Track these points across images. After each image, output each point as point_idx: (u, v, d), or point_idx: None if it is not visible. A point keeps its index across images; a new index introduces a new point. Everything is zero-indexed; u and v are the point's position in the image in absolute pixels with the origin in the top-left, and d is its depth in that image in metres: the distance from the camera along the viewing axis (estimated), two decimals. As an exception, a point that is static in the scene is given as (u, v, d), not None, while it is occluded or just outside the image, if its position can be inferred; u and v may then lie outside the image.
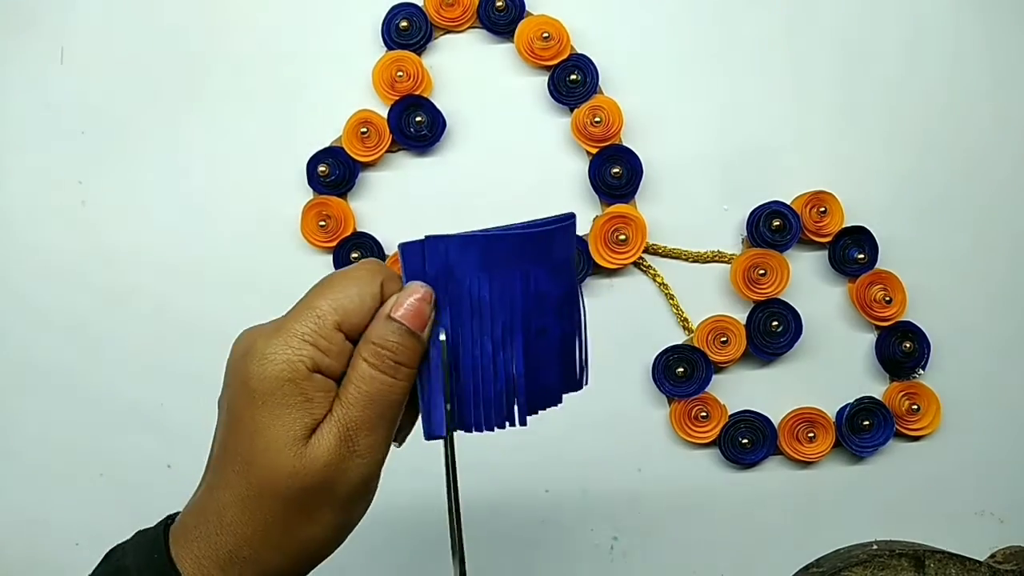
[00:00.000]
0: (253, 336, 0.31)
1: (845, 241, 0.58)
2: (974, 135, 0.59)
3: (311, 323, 0.30)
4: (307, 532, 0.31)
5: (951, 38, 0.60)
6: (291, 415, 0.30)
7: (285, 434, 0.30)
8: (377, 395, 0.30)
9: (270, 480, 0.30)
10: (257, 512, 0.30)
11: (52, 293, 0.59)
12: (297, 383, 0.30)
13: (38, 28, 0.59)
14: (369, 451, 0.31)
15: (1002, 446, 0.59)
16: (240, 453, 0.30)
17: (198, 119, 0.59)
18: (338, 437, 0.30)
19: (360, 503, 0.32)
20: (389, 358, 0.30)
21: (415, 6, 0.58)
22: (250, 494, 0.30)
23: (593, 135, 0.57)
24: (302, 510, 0.30)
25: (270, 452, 0.30)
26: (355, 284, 0.31)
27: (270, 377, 0.30)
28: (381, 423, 0.31)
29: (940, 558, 0.53)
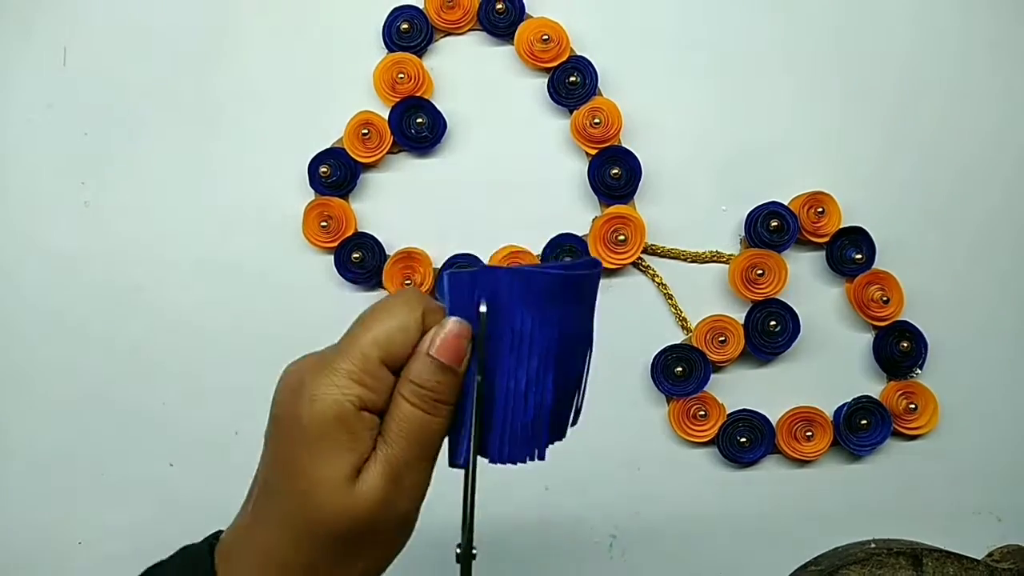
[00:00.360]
0: (301, 373, 0.31)
1: (843, 241, 0.58)
2: (972, 135, 0.60)
3: (357, 361, 0.31)
4: (353, 568, 0.31)
5: (950, 38, 0.60)
6: (340, 454, 0.30)
7: (335, 474, 0.30)
8: (419, 433, 0.31)
9: (320, 519, 0.30)
10: (306, 550, 0.31)
11: (54, 293, 0.59)
12: (346, 422, 0.30)
13: (41, 29, 0.60)
14: (414, 488, 0.31)
15: (1000, 445, 0.59)
16: (289, 491, 0.31)
17: (200, 120, 0.59)
18: (384, 476, 0.30)
19: (403, 536, 0.33)
20: (429, 397, 0.31)
21: (416, 8, 0.59)
22: (298, 533, 0.31)
23: (592, 136, 0.58)
24: (349, 547, 0.31)
25: (320, 491, 0.30)
26: (396, 317, 0.31)
27: (319, 417, 0.30)
28: (424, 459, 0.31)
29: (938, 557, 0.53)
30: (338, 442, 0.30)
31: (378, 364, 0.31)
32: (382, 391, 0.31)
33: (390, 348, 0.31)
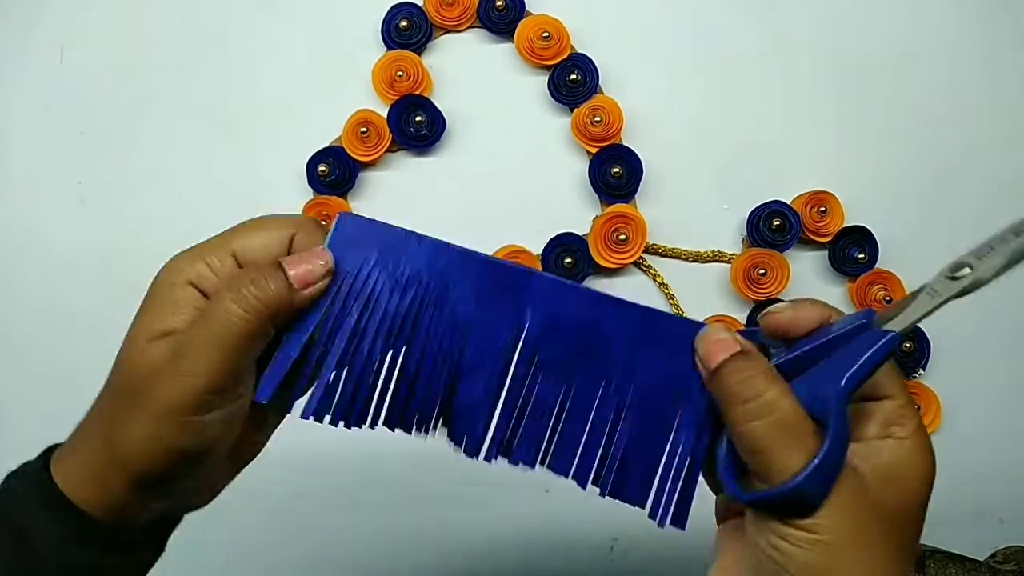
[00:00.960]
0: (174, 256, 0.33)
1: (845, 241, 0.58)
2: (975, 135, 0.59)
3: (210, 245, 0.32)
4: (127, 433, 0.30)
5: (953, 39, 0.60)
6: (151, 314, 0.31)
7: (138, 330, 0.31)
8: (218, 319, 0.29)
9: (115, 371, 0.31)
10: (103, 404, 0.32)
11: (51, 293, 0.58)
12: (169, 287, 0.31)
13: (38, 28, 0.59)
14: (192, 375, 0.29)
15: (1002, 446, 0.59)
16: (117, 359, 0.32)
17: (197, 119, 0.59)
18: (170, 348, 0.30)
19: (185, 431, 0.30)
20: (250, 293, 0.30)
21: (415, 6, 0.58)
22: (104, 387, 0.32)
23: (593, 135, 0.57)
24: (126, 408, 0.30)
25: (124, 345, 0.31)
26: (265, 229, 0.32)
27: (155, 281, 0.32)
28: (212, 348, 0.29)
29: (940, 558, 0.52)
30: (156, 303, 0.31)
31: (227, 253, 0.31)
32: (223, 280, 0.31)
33: (246, 251, 0.32)
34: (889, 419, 0.31)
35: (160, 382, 0.29)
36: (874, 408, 0.32)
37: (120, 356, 0.31)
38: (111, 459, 0.30)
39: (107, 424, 0.31)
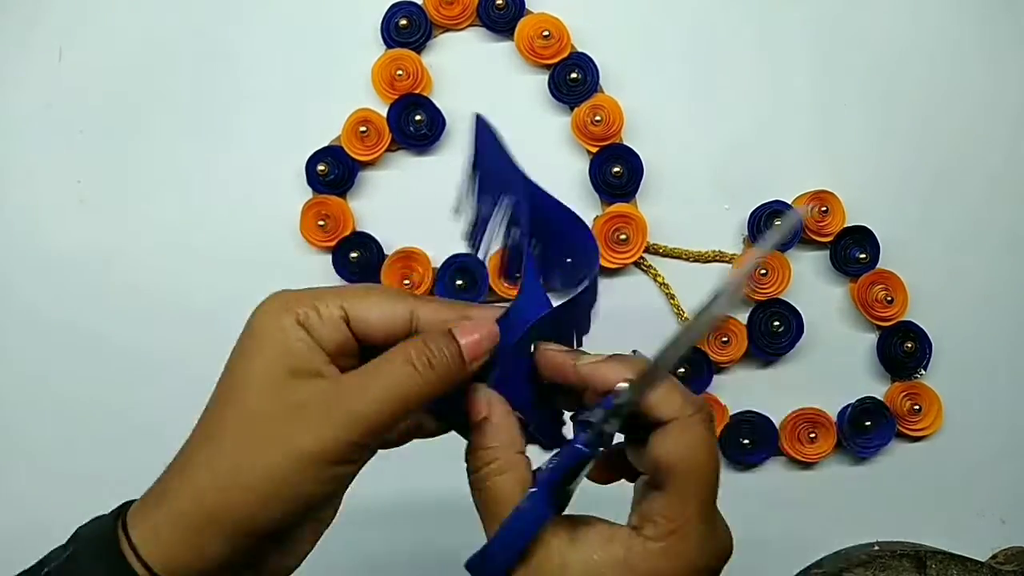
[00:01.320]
0: (272, 296, 0.31)
1: (846, 241, 0.58)
2: (977, 135, 0.59)
3: (317, 294, 0.30)
4: (248, 476, 0.27)
5: (954, 38, 0.60)
6: (271, 351, 0.29)
7: (258, 368, 0.29)
8: (394, 376, 0.28)
9: (221, 413, 0.29)
10: (200, 454, 0.28)
11: (50, 293, 0.58)
12: (282, 329, 0.29)
13: (37, 28, 0.59)
14: (351, 423, 0.28)
15: (1004, 446, 0.58)
16: (221, 394, 0.29)
17: (197, 118, 0.59)
18: (320, 391, 0.28)
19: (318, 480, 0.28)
20: (428, 358, 0.29)
21: (415, 4, 0.58)
22: (218, 434, 0.28)
23: (593, 134, 0.57)
24: (244, 451, 0.28)
25: (235, 386, 0.29)
26: (381, 293, 0.31)
27: (260, 334, 0.29)
28: (382, 405, 0.28)
29: (941, 559, 0.52)
30: (272, 342, 0.29)
31: (339, 314, 0.30)
32: (335, 335, 0.29)
33: (359, 314, 0.30)
34: (647, 511, 0.30)
35: (306, 424, 0.28)
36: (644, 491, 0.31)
37: (228, 396, 0.29)
38: (212, 512, 0.27)
39: (211, 472, 0.28)
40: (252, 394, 0.28)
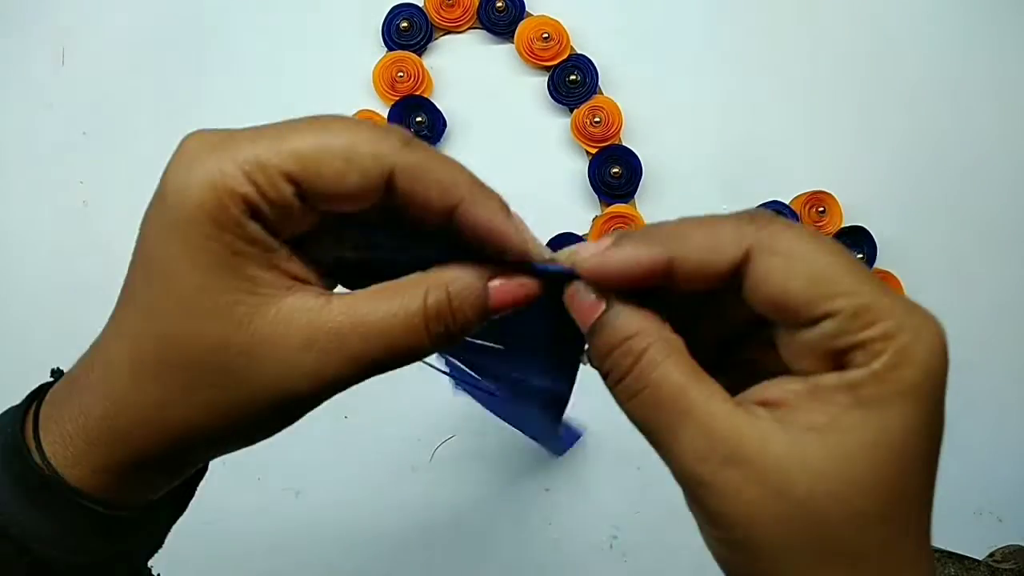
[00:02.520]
0: (195, 139, 0.24)
1: (844, 241, 0.58)
2: (974, 134, 0.59)
3: (265, 150, 0.23)
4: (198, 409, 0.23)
5: (951, 37, 0.60)
6: (216, 270, 0.22)
7: (208, 285, 0.22)
8: (397, 341, 0.23)
9: (179, 336, 0.22)
10: (151, 374, 0.23)
11: (53, 294, 0.59)
12: (222, 225, 0.22)
13: (39, 28, 0.59)
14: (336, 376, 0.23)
15: (1001, 445, 0.59)
16: (147, 297, 0.23)
17: (199, 119, 0.59)
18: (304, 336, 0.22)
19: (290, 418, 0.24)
20: (448, 324, 0.23)
21: (415, 7, 0.59)
22: (147, 348, 0.23)
23: (593, 135, 0.57)
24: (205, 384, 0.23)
25: (186, 306, 0.22)
26: (346, 145, 0.23)
27: (190, 204, 0.22)
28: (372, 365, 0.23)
29: (939, 557, 0.53)
30: (210, 249, 0.22)
31: (280, 175, 0.22)
32: (285, 212, 0.22)
33: (312, 177, 0.22)
34: (836, 347, 0.21)
35: (288, 362, 0.22)
36: (808, 339, 0.22)
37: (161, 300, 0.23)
38: (150, 440, 0.23)
39: (152, 400, 0.23)
40: (198, 309, 0.22)
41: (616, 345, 0.23)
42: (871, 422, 0.21)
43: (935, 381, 0.22)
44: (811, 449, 0.21)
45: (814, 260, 0.22)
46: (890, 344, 0.21)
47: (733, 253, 0.22)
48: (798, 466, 0.21)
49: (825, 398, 0.21)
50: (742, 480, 0.21)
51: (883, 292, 0.22)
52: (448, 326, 0.23)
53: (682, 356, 0.23)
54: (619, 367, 0.23)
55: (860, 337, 0.21)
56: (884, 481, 0.21)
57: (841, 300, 0.21)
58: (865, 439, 0.21)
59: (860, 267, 0.22)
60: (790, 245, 0.22)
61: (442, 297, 0.23)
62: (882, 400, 0.21)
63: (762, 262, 0.22)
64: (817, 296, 0.21)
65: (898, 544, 0.22)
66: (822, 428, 0.21)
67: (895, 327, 0.21)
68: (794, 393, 0.22)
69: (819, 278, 0.21)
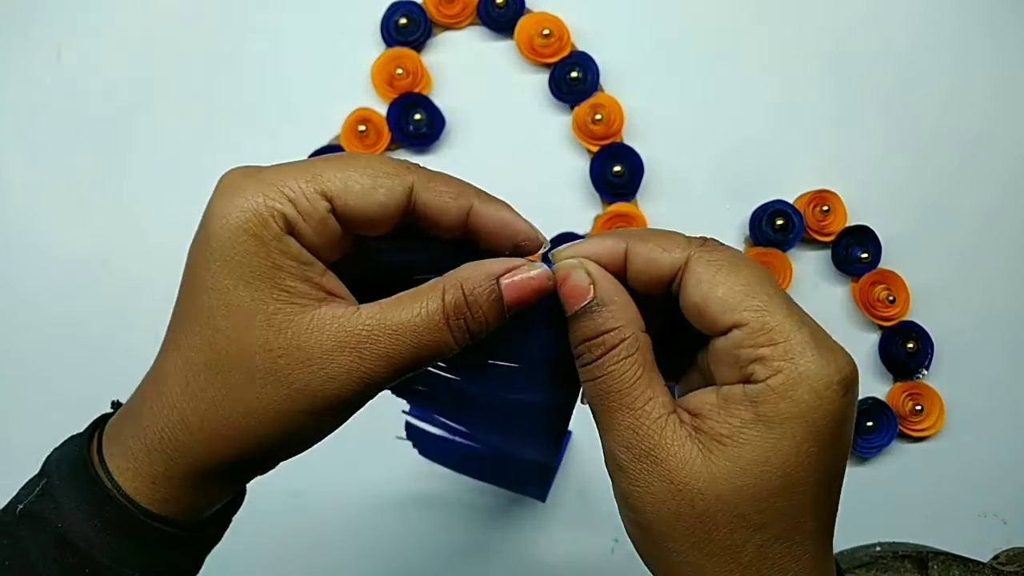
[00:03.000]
0: (235, 174, 0.27)
1: (848, 240, 0.57)
2: (978, 134, 0.59)
3: (299, 179, 0.25)
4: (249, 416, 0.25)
5: (953, 38, 0.59)
6: (257, 283, 0.25)
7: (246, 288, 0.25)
8: (422, 339, 0.25)
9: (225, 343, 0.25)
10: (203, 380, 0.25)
11: (50, 294, 0.58)
12: (264, 243, 0.25)
13: (35, 27, 0.59)
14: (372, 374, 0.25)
15: (1006, 447, 0.58)
16: (194, 312, 0.26)
17: (197, 118, 0.59)
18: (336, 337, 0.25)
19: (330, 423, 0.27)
20: (466, 319, 0.26)
21: (414, 3, 0.58)
22: (198, 358, 0.25)
23: (594, 133, 0.57)
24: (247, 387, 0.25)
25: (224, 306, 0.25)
26: (372, 169, 0.26)
27: (232, 226, 0.25)
28: (402, 363, 0.25)
29: (943, 560, 0.52)
30: (251, 264, 0.24)
31: (319, 195, 0.25)
32: (317, 226, 0.25)
33: (346, 194, 0.25)
34: (741, 357, 0.25)
35: (321, 366, 0.25)
36: (720, 348, 0.25)
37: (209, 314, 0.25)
38: (206, 446, 0.25)
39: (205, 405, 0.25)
40: (243, 320, 0.25)
41: (594, 336, 0.26)
42: (765, 439, 0.24)
43: (831, 409, 0.24)
44: (712, 457, 0.24)
45: (738, 277, 0.25)
46: (789, 365, 0.24)
47: (675, 258, 0.26)
48: (699, 470, 0.24)
49: (731, 411, 0.24)
50: (653, 474, 0.25)
51: (795, 319, 0.25)
52: (467, 321, 0.26)
53: (643, 355, 0.26)
54: (591, 353, 0.26)
55: (761, 352, 0.24)
56: (767, 494, 0.24)
57: (749, 314, 0.24)
58: (757, 454, 0.24)
59: (782, 295, 0.25)
60: (721, 262, 0.25)
61: (458, 294, 0.26)
62: (778, 419, 0.24)
63: (694, 271, 0.25)
64: (730, 307, 0.25)
65: (774, 550, 0.24)
66: (725, 439, 0.24)
67: (797, 351, 0.24)
68: (709, 404, 0.25)
69: (737, 293, 0.25)
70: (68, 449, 0.28)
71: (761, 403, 0.24)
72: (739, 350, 0.24)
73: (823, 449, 0.24)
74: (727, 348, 0.25)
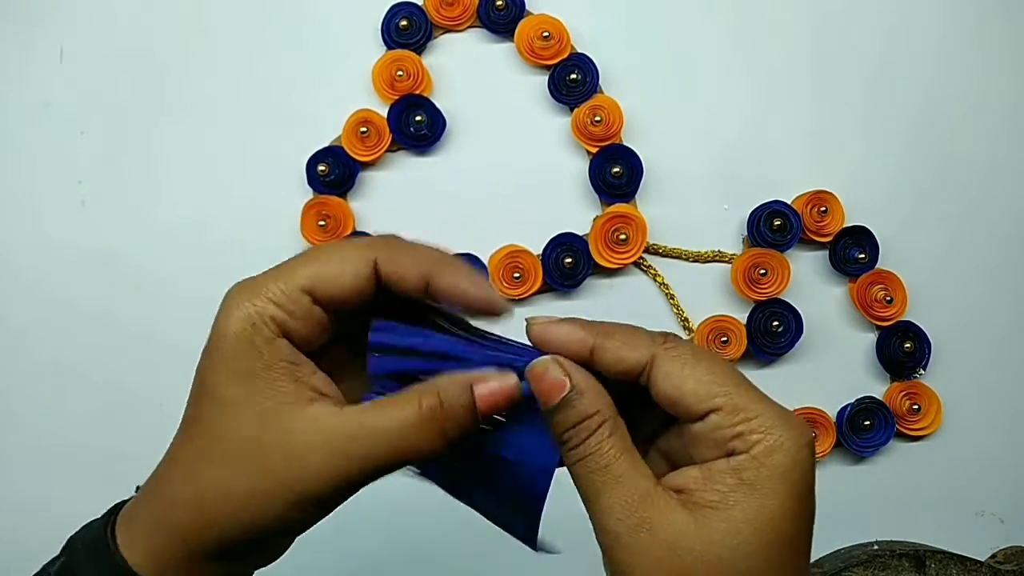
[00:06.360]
0: (233, 289, 0.29)
1: (846, 241, 0.58)
2: (976, 135, 0.59)
3: (279, 282, 0.28)
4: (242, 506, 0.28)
5: (954, 39, 0.60)
6: (252, 383, 0.28)
7: (243, 389, 0.28)
8: (400, 442, 0.28)
9: (222, 437, 0.28)
10: (201, 471, 0.28)
11: (51, 294, 0.58)
12: (257, 347, 0.28)
13: (37, 27, 0.59)
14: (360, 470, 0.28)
15: (1003, 446, 0.59)
16: (198, 410, 0.29)
17: (198, 118, 0.59)
18: (321, 435, 0.27)
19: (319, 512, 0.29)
20: (442, 422, 0.28)
21: (415, 5, 0.58)
22: (197, 449, 0.28)
23: (593, 134, 0.57)
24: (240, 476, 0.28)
25: (222, 403, 0.28)
26: (338, 255, 0.29)
27: (230, 335, 0.28)
28: (381, 463, 0.28)
29: (941, 558, 0.52)
30: (248, 368, 0.27)
31: (298, 290, 0.28)
32: (303, 317, 0.28)
33: (320, 281, 0.28)
34: (720, 437, 0.27)
35: (302, 462, 0.27)
36: (699, 431, 0.28)
37: (210, 411, 0.28)
38: (191, 530, 0.28)
39: (190, 489, 0.28)
40: (238, 424, 0.28)
41: (576, 422, 0.28)
42: (752, 499, 0.26)
43: (803, 468, 0.27)
44: (706, 521, 0.26)
45: (703, 369, 0.28)
46: (765, 436, 0.27)
47: (641, 355, 0.28)
48: (694, 534, 0.26)
49: (716, 480, 0.27)
50: (650, 543, 0.27)
51: (758, 398, 0.28)
52: (443, 425, 0.28)
53: (622, 436, 0.28)
54: (574, 439, 0.28)
55: (739, 429, 0.27)
56: (760, 548, 0.26)
57: (721, 399, 0.27)
58: (747, 513, 0.26)
59: (741, 377, 0.28)
60: (686, 356, 0.28)
61: (434, 401, 0.28)
62: (760, 481, 0.26)
63: (662, 366, 0.28)
64: (703, 396, 0.27)
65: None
66: (715, 505, 0.27)
67: (768, 424, 0.27)
68: (693, 479, 0.28)
69: (705, 382, 0.27)
70: (86, 531, 0.31)
71: (744, 471, 0.27)
72: (718, 431, 0.27)
73: (800, 503, 0.27)
74: (705, 431, 0.28)
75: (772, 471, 0.26)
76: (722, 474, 0.27)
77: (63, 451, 0.58)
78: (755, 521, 0.26)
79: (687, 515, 0.27)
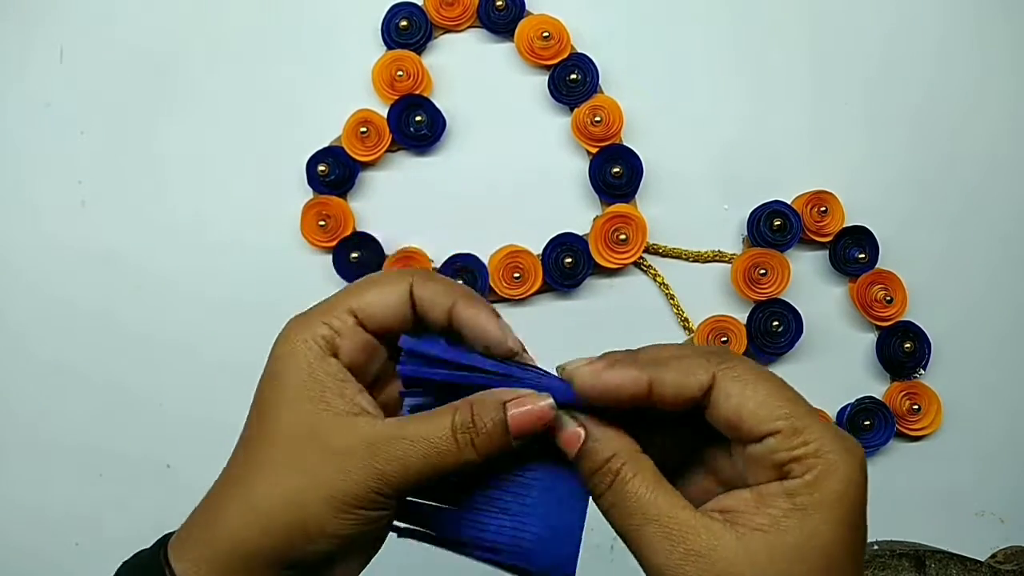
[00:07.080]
0: (291, 322, 0.31)
1: (846, 241, 0.58)
2: (976, 135, 0.59)
3: (333, 309, 0.31)
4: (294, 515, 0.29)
5: (954, 39, 0.60)
6: (305, 397, 0.30)
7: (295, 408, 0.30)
8: (432, 447, 0.29)
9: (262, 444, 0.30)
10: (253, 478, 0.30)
11: (51, 294, 0.58)
12: (309, 363, 0.30)
13: (37, 27, 0.59)
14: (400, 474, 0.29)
15: (1003, 446, 0.58)
16: (257, 427, 0.30)
17: (198, 118, 0.59)
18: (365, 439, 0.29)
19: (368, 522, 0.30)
20: (472, 435, 0.29)
21: (415, 5, 0.58)
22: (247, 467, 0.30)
23: (593, 134, 0.57)
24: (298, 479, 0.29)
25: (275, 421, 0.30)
26: (378, 281, 0.31)
27: (285, 355, 0.30)
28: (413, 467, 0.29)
29: (941, 558, 0.52)
30: (303, 387, 0.30)
31: (346, 311, 0.30)
32: (350, 336, 0.30)
33: (365, 306, 0.31)
34: (778, 460, 0.27)
35: (343, 469, 0.29)
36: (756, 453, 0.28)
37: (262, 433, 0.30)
38: (247, 550, 0.29)
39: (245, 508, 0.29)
40: (288, 433, 0.29)
41: (597, 468, 0.29)
42: (805, 524, 0.26)
43: (857, 492, 0.27)
44: (755, 546, 0.26)
45: (763, 390, 0.28)
46: (820, 460, 0.27)
47: (700, 380, 0.28)
48: (744, 559, 0.26)
49: (768, 503, 0.27)
50: (697, 571, 0.26)
51: (815, 419, 0.28)
52: (474, 438, 0.29)
53: (649, 472, 0.29)
54: (600, 484, 0.29)
55: (796, 452, 0.27)
56: (814, 573, 0.26)
57: (781, 422, 0.27)
58: (800, 538, 0.26)
59: (800, 397, 0.28)
60: (747, 378, 0.28)
61: (467, 414, 0.29)
62: (814, 506, 0.26)
63: (723, 388, 0.28)
64: (764, 418, 0.27)
65: None
66: (765, 529, 0.27)
67: (825, 447, 0.27)
68: (744, 500, 0.28)
69: (765, 403, 0.27)
70: (136, 561, 0.32)
71: (797, 495, 0.27)
72: (775, 454, 0.27)
73: (853, 530, 0.27)
74: (764, 453, 0.27)
75: (826, 496, 0.26)
76: (774, 498, 0.27)
77: (63, 451, 0.58)
78: (805, 547, 0.26)
79: (734, 539, 0.27)
